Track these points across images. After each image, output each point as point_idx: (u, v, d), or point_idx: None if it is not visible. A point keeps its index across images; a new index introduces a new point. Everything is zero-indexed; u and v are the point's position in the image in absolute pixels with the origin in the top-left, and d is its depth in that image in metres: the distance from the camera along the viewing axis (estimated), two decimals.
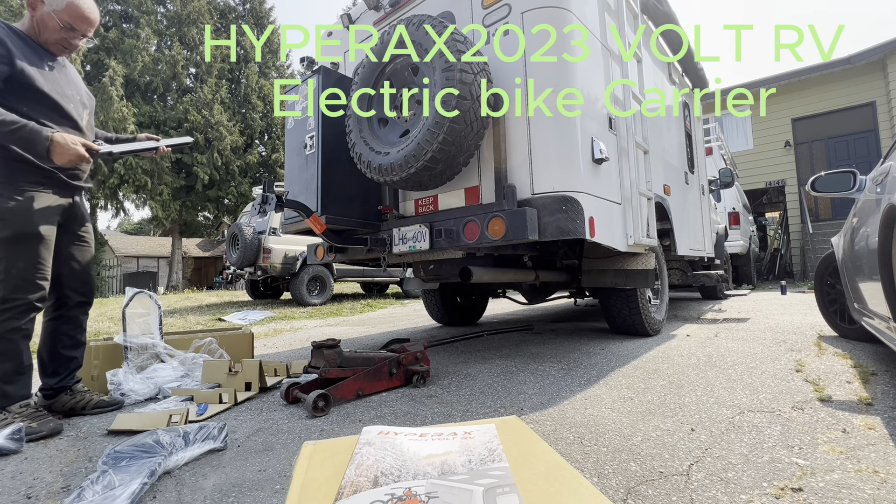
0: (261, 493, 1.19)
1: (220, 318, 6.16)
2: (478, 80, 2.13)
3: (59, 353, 1.95)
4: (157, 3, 21.40)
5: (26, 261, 1.70)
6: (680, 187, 3.94)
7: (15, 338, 1.69)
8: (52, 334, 1.94)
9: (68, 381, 1.97)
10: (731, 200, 7.92)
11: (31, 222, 1.70)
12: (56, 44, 1.80)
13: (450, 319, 4.52)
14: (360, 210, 2.77)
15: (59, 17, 1.74)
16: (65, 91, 1.83)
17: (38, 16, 1.74)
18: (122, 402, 2.07)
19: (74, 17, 1.77)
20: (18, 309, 1.69)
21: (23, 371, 1.73)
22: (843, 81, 10.94)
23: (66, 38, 1.79)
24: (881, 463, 1.22)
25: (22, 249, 1.69)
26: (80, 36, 1.82)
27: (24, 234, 1.69)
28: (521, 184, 2.26)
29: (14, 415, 1.68)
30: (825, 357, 2.46)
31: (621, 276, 2.93)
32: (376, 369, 2.11)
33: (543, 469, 0.89)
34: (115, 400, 2.05)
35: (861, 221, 2.09)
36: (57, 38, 1.78)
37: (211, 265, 28.12)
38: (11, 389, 1.70)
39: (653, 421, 1.61)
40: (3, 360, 1.68)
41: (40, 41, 1.78)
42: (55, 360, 1.94)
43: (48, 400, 1.94)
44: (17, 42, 1.69)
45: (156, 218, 21.63)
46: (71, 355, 1.98)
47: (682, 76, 4.49)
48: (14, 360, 1.70)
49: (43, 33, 1.77)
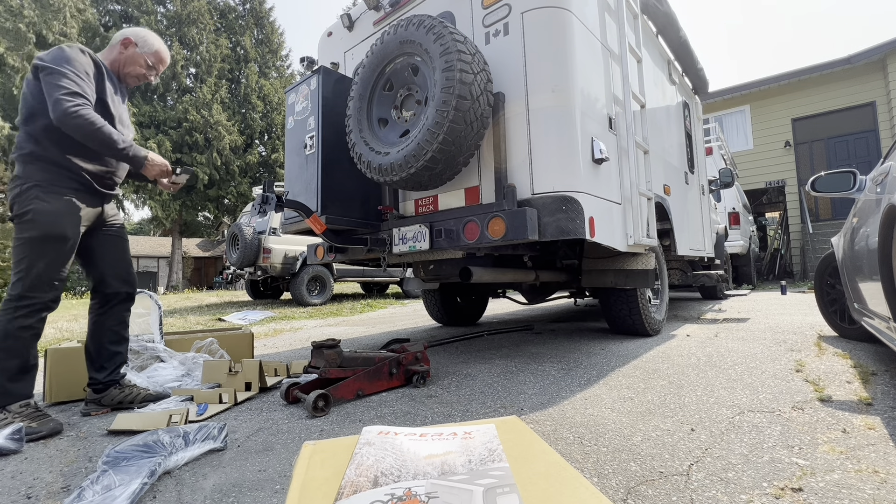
0: (261, 493, 1.19)
1: (220, 318, 6.16)
2: (478, 79, 2.13)
3: (106, 349, 2.03)
4: (157, 3, 21.38)
5: (47, 261, 1.76)
6: (680, 187, 3.94)
7: (25, 336, 1.72)
8: (98, 330, 2.02)
9: (115, 375, 2.05)
10: (731, 200, 7.91)
11: (59, 225, 1.78)
12: (135, 77, 2.08)
13: (450, 319, 4.52)
14: (360, 210, 2.77)
15: (147, 58, 2.06)
16: (122, 116, 2.04)
17: (128, 53, 2.03)
18: (169, 394, 2.13)
19: (158, 60, 2.11)
20: (33, 307, 1.73)
21: (27, 370, 1.76)
22: (843, 81, 10.94)
23: (146, 74, 2.09)
24: (881, 463, 1.22)
25: (46, 250, 1.75)
26: (155, 74, 2.14)
27: (50, 236, 1.76)
28: (521, 184, 2.26)
29: (14, 414, 1.68)
30: (825, 357, 2.46)
31: (621, 276, 2.93)
32: (376, 369, 2.11)
33: (543, 469, 0.89)
34: (162, 393, 2.12)
35: (861, 221, 2.09)
36: (137, 74, 2.07)
37: (211, 265, 28.12)
38: (14, 387, 1.71)
39: (653, 421, 1.61)
40: (10, 357, 1.70)
41: (120, 72, 2.04)
42: (102, 355, 2.02)
43: (98, 394, 2.00)
44: (104, 71, 1.92)
45: (156, 218, 21.62)
46: (116, 350, 2.06)
47: (682, 76, 4.49)
48: (21, 357, 1.72)
49: (126, 67, 2.04)
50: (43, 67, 1.73)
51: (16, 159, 1.80)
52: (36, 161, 1.77)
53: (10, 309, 1.70)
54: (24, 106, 1.79)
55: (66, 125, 1.70)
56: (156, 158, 1.96)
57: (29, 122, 1.78)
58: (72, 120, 1.68)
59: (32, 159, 1.77)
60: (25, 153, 1.78)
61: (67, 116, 1.68)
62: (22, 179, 1.77)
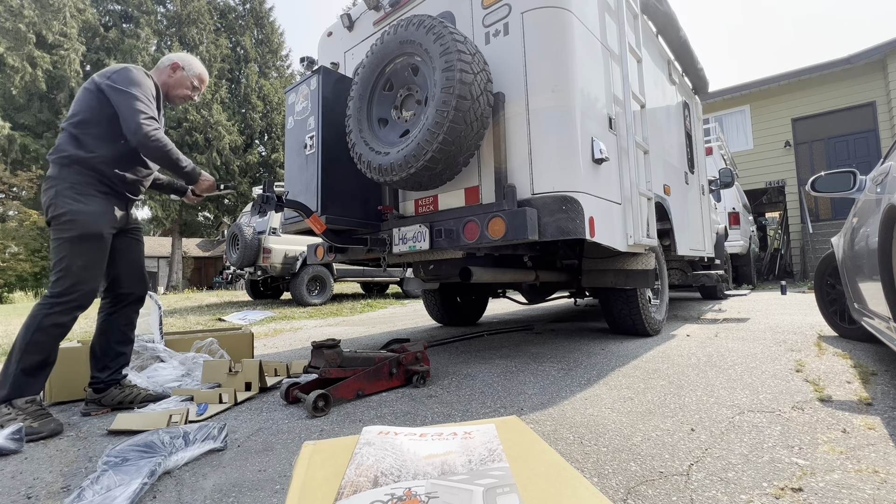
0: (261, 493, 1.19)
1: (220, 318, 6.16)
2: (478, 80, 2.13)
3: (112, 348, 2.06)
4: (157, 3, 21.39)
5: (85, 261, 1.83)
6: (680, 187, 3.93)
7: (55, 333, 1.77)
8: (106, 330, 2.06)
9: (117, 375, 2.07)
10: (731, 200, 7.91)
11: (96, 225, 1.86)
12: (181, 98, 2.25)
13: (450, 319, 4.52)
14: (360, 210, 2.77)
15: (192, 80, 2.24)
16: None
17: (176, 77, 2.19)
18: (169, 394, 2.14)
19: (201, 81, 2.28)
20: (69, 305, 1.79)
21: (45, 366, 1.79)
22: (843, 81, 10.94)
23: (191, 94, 2.26)
24: (881, 463, 1.22)
25: (84, 249, 1.83)
26: (198, 94, 2.31)
27: (88, 235, 1.84)
28: (521, 184, 2.26)
29: (18, 411, 1.69)
30: (825, 357, 2.46)
31: (621, 276, 2.93)
32: (376, 369, 2.11)
33: (543, 469, 0.89)
34: (162, 393, 2.14)
35: (861, 221, 2.09)
36: (184, 95, 2.25)
37: (211, 265, 28.11)
38: (27, 382, 1.73)
39: (653, 421, 1.61)
40: (35, 352, 1.73)
41: (169, 94, 2.20)
42: (107, 354, 2.05)
43: (98, 394, 2.02)
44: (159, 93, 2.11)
45: (156, 218, 21.62)
46: (121, 350, 2.09)
47: (682, 76, 4.49)
48: (44, 354, 1.76)
49: (175, 90, 2.21)
50: (114, 88, 1.89)
51: (53, 161, 1.88)
52: (74, 164, 1.87)
53: (47, 305, 1.76)
54: (77, 112, 1.91)
55: (144, 147, 1.89)
56: (207, 176, 2.18)
57: (79, 127, 1.89)
58: (150, 143, 1.88)
59: (70, 162, 1.86)
60: (65, 156, 1.86)
61: (147, 140, 1.87)
62: (57, 180, 1.85)
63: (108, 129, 1.92)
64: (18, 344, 1.72)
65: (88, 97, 1.92)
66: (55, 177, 1.86)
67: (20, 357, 1.71)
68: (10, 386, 1.70)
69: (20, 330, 1.75)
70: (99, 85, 1.91)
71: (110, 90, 1.90)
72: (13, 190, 20.07)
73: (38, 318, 1.74)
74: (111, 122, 1.92)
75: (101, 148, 1.90)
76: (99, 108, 1.91)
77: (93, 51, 19.82)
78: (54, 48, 18.69)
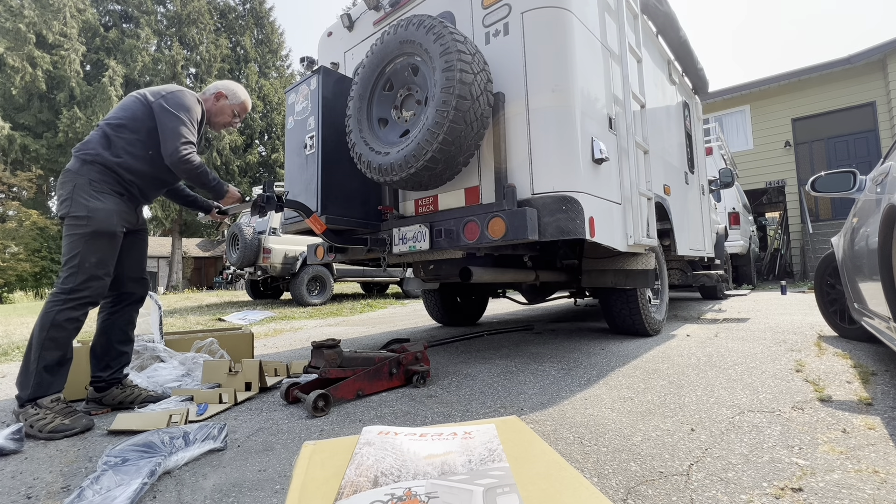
0: (261, 493, 1.19)
1: (220, 318, 6.16)
2: (478, 80, 2.13)
3: (114, 347, 2.07)
4: (157, 3, 21.38)
5: (98, 257, 1.85)
6: (680, 187, 3.93)
7: (70, 328, 1.78)
8: (108, 329, 2.06)
9: (119, 374, 2.08)
10: (731, 200, 7.91)
11: (109, 222, 1.89)
12: (222, 125, 2.35)
13: (450, 319, 4.52)
14: (360, 210, 2.77)
15: (234, 108, 2.33)
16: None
17: (220, 105, 2.29)
18: (169, 395, 2.14)
19: (242, 110, 2.36)
20: (82, 300, 1.81)
21: (64, 363, 1.80)
22: (843, 81, 10.94)
23: (231, 122, 2.35)
24: (881, 463, 1.22)
25: (97, 246, 1.85)
26: (239, 121, 2.40)
27: (102, 232, 1.86)
28: (521, 184, 2.26)
29: (46, 410, 1.70)
30: (825, 357, 2.46)
31: (621, 276, 2.93)
32: (376, 369, 2.11)
33: (543, 469, 0.89)
34: (162, 394, 2.14)
35: (861, 221, 2.09)
36: (225, 122, 2.34)
37: (211, 265, 28.11)
38: (49, 379, 1.74)
39: (653, 421, 1.61)
40: (53, 349, 1.74)
41: (210, 120, 2.30)
42: (109, 353, 2.05)
43: (99, 393, 2.03)
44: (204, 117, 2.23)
45: (156, 218, 21.62)
46: (123, 350, 2.11)
47: (682, 76, 4.49)
48: (62, 349, 1.77)
49: (217, 117, 2.30)
50: (164, 109, 1.99)
51: (77, 156, 1.91)
52: (96, 163, 1.90)
53: (59, 301, 1.77)
54: (119, 116, 1.99)
55: (177, 167, 1.98)
56: (234, 191, 2.26)
57: (116, 130, 1.96)
58: (183, 164, 1.97)
59: (94, 160, 1.90)
60: (91, 153, 1.91)
61: (181, 161, 1.96)
62: (77, 175, 1.87)
63: (142, 139, 1.99)
64: (35, 342, 1.72)
65: (136, 106, 2.01)
66: (75, 171, 1.88)
67: (39, 355, 1.71)
68: (34, 386, 1.70)
69: (34, 329, 1.74)
70: (151, 102, 2.01)
71: (160, 109, 1.99)
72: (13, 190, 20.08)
73: (51, 314, 1.74)
74: (149, 135, 2.00)
75: (128, 155, 1.96)
76: (142, 119, 1.99)
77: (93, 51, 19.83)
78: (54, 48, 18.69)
